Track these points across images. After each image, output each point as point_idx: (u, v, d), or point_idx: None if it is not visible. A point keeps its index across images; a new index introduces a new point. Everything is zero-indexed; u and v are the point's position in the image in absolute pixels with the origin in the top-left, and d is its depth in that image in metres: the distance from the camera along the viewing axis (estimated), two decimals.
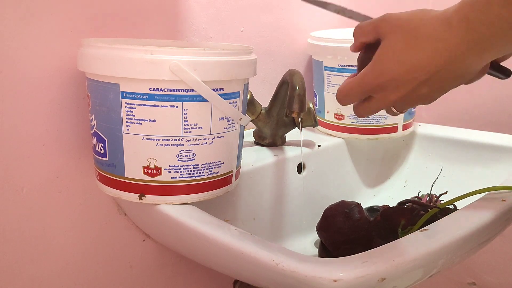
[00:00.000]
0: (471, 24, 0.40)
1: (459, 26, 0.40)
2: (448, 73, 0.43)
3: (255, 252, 0.44)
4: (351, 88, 0.49)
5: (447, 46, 0.41)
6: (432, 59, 0.42)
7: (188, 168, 0.53)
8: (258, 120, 0.75)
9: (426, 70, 0.43)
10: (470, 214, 0.51)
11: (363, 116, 0.51)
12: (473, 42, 0.40)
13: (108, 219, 0.68)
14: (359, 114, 0.51)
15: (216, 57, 0.52)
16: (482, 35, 0.39)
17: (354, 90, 0.48)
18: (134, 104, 0.51)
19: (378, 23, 0.47)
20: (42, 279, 0.63)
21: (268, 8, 0.84)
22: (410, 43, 0.43)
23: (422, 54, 0.43)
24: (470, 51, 0.41)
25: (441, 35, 0.42)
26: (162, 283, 0.76)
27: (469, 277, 1.07)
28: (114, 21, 0.64)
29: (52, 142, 0.61)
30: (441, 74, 0.43)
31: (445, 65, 0.42)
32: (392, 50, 0.44)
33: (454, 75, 0.43)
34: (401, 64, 0.44)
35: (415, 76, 0.44)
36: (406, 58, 0.43)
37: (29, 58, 0.57)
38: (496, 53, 0.41)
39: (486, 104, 1.02)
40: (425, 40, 0.42)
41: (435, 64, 0.42)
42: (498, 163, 0.78)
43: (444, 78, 0.44)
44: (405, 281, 0.44)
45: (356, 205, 0.67)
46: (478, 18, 0.39)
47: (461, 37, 0.40)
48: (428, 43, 0.42)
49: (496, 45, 0.40)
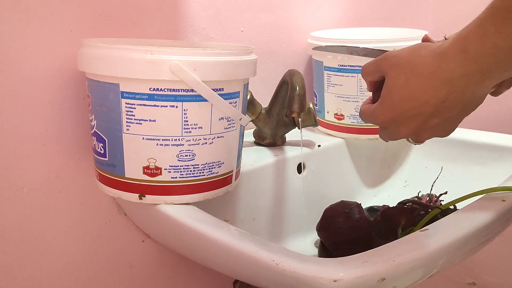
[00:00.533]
0: (469, 56, 0.40)
1: (457, 58, 0.41)
2: (454, 103, 0.44)
3: (255, 252, 0.44)
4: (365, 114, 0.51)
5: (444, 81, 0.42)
6: (434, 92, 0.43)
7: (188, 168, 0.53)
8: (258, 120, 0.75)
9: (431, 103, 0.44)
10: (470, 214, 0.51)
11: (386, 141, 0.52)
12: (473, 73, 0.41)
13: (108, 219, 0.68)
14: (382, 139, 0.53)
15: (216, 57, 0.52)
16: (480, 64, 0.40)
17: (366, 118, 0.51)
18: (134, 104, 0.51)
19: (380, 62, 0.48)
20: (42, 279, 0.63)
21: (268, 8, 0.84)
22: (410, 80, 0.44)
23: (423, 89, 0.44)
24: (471, 81, 0.42)
25: (437, 70, 0.43)
26: (162, 283, 0.76)
27: (469, 277, 1.07)
28: (114, 21, 0.64)
29: (52, 142, 0.61)
30: (447, 105, 0.44)
31: (448, 96, 0.43)
32: (394, 87, 0.46)
33: (462, 104, 0.44)
34: (406, 100, 0.45)
35: (421, 110, 0.45)
36: (409, 94, 0.45)
37: (29, 58, 0.57)
38: (497, 79, 0.42)
39: (486, 104, 1.02)
40: (423, 76, 0.44)
41: (438, 97, 0.43)
42: (498, 163, 0.78)
43: (451, 108, 0.44)
44: (405, 281, 0.44)
45: (356, 205, 0.67)
46: (475, 49, 0.40)
47: (460, 70, 0.41)
48: (427, 79, 0.43)
49: (495, 72, 0.41)
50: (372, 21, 1.05)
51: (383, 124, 0.49)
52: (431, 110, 0.44)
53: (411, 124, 0.46)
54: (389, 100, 0.47)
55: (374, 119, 0.49)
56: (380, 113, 0.48)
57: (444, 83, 0.42)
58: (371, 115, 0.50)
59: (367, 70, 0.51)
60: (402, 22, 1.11)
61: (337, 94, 0.82)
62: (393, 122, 0.47)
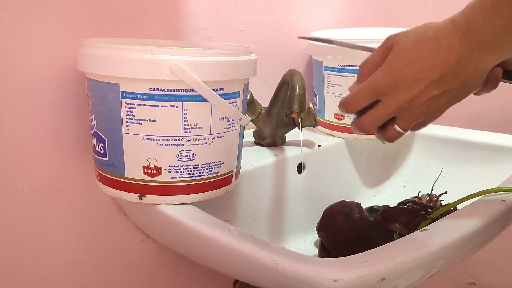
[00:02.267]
0: (472, 28, 0.42)
1: (462, 29, 0.43)
2: (457, 74, 0.44)
3: (255, 252, 0.44)
4: (359, 91, 0.49)
5: (452, 46, 0.43)
6: (442, 58, 0.44)
7: (188, 168, 0.53)
8: (258, 120, 0.75)
9: (437, 69, 0.44)
10: (470, 214, 0.51)
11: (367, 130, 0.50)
12: (475, 44, 0.43)
13: (108, 219, 0.68)
14: (362, 127, 0.51)
15: (216, 57, 0.52)
16: (482, 38, 0.42)
17: (362, 92, 0.49)
18: (134, 104, 0.51)
19: (385, 42, 0.49)
20: (42, 279, 0.63)
21: (268, 8, 0.84)
22: (420, 43, 0.45)
23: (432, 52, 0.44)
24: (473, 53, 0.43)
25: (447, 35, 0.44)
26: (162, 283, 0.76)
27: (469, 277, 1.07)
28: (114, 21, 0.64)
29: (52, 142, 0.61)
30: (451, 75, 0.44)
31: (454, 64, 0.44)
32: (403, 51, 0.46)
33: (463, 78, 0.44)
34: (413, 62, 0.45)
35: (426, 75, 0.45)
36: (417, 56, 0.45)
37: (29, 58, 0.57)
38: (497, 56, 0.43)
39: (486, 104, 1.02)
40: (434, 40, 0.44)
41: (446, 62, 0.44)
42: (498, 163, 0.78)
43: (453, 79, 0.45)
44: (405, 281, 0.44)
45: (356, 205, 0.67)
46: (477, 23, 0.42)
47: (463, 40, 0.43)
48: (436, 42, 0.44)
49: (495, 48, 0.42)
50: (372, 21, 1.05)
51: (384, 89, 0.47)
52: (435, 77, 0.45)
53: (411, 90, 0.46)
54: (394, 62, 0.46)
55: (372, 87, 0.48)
56: (381, 77, 0.47)
57: (452, 50, 0.43)
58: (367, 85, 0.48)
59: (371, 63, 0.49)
60: (402, 22, 1.11)
61: (337, 94, 0.82)
62: (393, 87, 0.46)
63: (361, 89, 0.49)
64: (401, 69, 0.46)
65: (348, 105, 0.51)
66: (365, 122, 0.50)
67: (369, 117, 0.50)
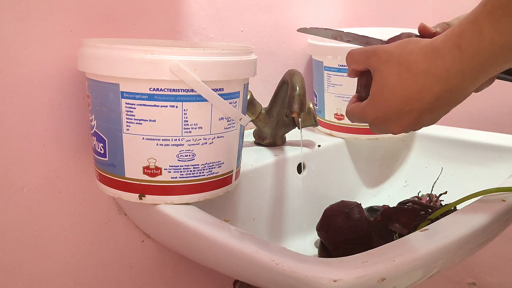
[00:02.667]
0: (465, 53, 0.40)
1: (452, 56, 0.41)
2: (448, 99, 0.43)
3: (255, 252, 0.44)
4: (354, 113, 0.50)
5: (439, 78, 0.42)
6: (429, 90, 0.43)
7: (188, 168, 0.53)
8: (258, 120, 0.75)
9: (425, 101, 0.43)
10: (470, 214, 0.51)
11: None
12: (469, 71, 0.41)
13: (108, 219, 0.68)
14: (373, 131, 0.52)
15: (216, 57, 0.52)
16: (477, 61, 0.40)
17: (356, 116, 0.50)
18: (134, 104, 0.51)
19: (369, 55, 0.47)
20: (42, 278, 0.63)
21: (268, 8, 0.84)
22: (403, 77, 0.44)
23: (417, 86, 0.43)
24: (466, 78, 0.41)
25: (432, 67, 0.42)
26: (162, 283, 0.76)
27: (469, 277, 1.07)
28: (114, 21, 0.64)
29: (52, 142, 0.61)
30: (440, 102, 0.43)
31: (441, 93, 0.43)
32: (387, 85, 0.45)
33: (454, 99, 0.44)
34: (399, 98, 0.44)
35: (415, 107, 0.44)
36: (402, 91, 0.44)
37: (29, 58, 0.57)
38: (492, 74, 0.42)
39: (486, 104, 1.02)
40: (417, 74, 0.43)
41: (433, 94, 0.43)
42: (498, 163, 0.78)
43: (444, 104, 0.44)
44: (405, 281, 0.44)
45: (356, 205, 0.67)
46: (471, 47, 0.39)
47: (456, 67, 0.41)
48: (421, 77, 0.43)
49: (491, 68, 0.40)
50: (372, 21, 1.05)
51: (374, 122, 0.48)
52: (425, 107, 0.44)
53: (404, 121, 0.46)
54: (381, 99, 0.46)
55: (364, 117, 0.49)
56: (371, 112, 0.47)
57: (439, 81, 0.42)
58: (360, 113, 0.49)
59: (354, 58, 0.49)
60: (402, 22, 1.11)
61: (337, 94, 0.82)
62: (385, 120, 0.47)
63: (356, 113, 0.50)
64: (387, 105, 0.45)
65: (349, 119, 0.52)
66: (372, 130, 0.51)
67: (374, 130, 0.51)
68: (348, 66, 0.51)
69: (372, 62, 0.47)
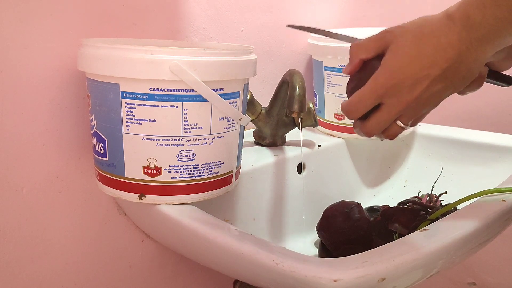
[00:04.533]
0: (472, 22, 0.42)
1: (462, 22, 0.43)
2: (459, 66, 0.44)
3: (255, 252, 0.44)
4: (361, 96, 0.48)
5: (452, 41, 0.44)
6: (443, 53, 0.44)
7: (188, 168, 0.53)
8: (258, 120, 0.75)
9: (439, 65, 0.44)
10: (470, 214, 0.51)
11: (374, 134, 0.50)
12: (476, 38, 0.43)
13: (108, 219, 0.68)
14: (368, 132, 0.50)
15: (216, 57, 0.52)
16: (482, 31, 0.42)
17: (365, 97, 0.47)
18: (134, 104, 0.51)
19: (383, 34, 0.48)
20: (42, 278, 0.63)
21: (268, 8, 0.84)
22: (419, 40, 0.45)
23: (432, 48, 0.44)
24: (474, 46, 0.43)
25: (445, 30, 0.44)
26: (162, 283, 0.76)
27: (469, 277, 1.07)
28: (114, 21, 0.64)
29: (52, 142, 0.61)
30: (452, 69, 0.45)
31: (455, 58, 0.44)
32: (402, 50, 0.46)
33: (465, 68, 0.45)
34: (414, 61, 0.45)
35: (429, 72, 0.45)
36: (417, 54, 0.45)
37: (29, 58, 0.57)
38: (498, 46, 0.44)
39: (486, 104, 1.02)
40: (432, 36, 0.44)
41: (447, 58, 0.44)
42: (498, 163, 0.78)
43: (455, 73, 0.45)
44: (405, 281, 0.44)
45: (356, 205, 0.67)
46: (477, 17, 0.42)
47: (463, 35, 0.43)
48: (435, 38, 0.44)
49: (495, 39, 0.43)
50: (371, 21, 1.05)
51: (387, 91, 0.46)
52: (437, 73, 0.45)
53: (416, 89, 0.45)
54: (395, 63, 0.46)
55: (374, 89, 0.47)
56: (383, 79, 0.46)
57: (451, 45, 0.44)
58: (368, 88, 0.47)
59: (363, 46, 0.49)
60: (402, 22, 1.11)
61: (337, 94, 0.82)
62: (399, 86, 0.45)
63: (362, 94, 0.47)
64: (402, 69, 0.45)
65: (350, 112, 0.49)
66: (371, 127, 0.49)
67: (375, 121, 0.49)
68: (354, 58, 0.49)
69: (388, 38, 0.47)
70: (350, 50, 0.50)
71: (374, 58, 0.48)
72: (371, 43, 0.48)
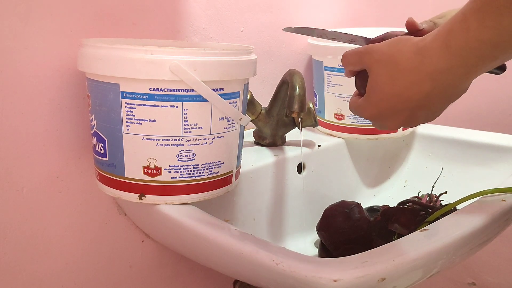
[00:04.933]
0: (452, 51, 0.40)
1: (440, 53, 0.41)
2: (438, 96, 0.44)
3: (255, 252, 0.44)
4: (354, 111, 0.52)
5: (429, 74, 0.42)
6: (417, 88, 0.43)
7: (188, 168, 0.53)
8: (258, 120, 0.75)
9: (415, 99, 0.44)
10: (470, 214, 0.51)
11: None
12: (457, 67, 0.41)
13: (108, 219, 0.68)
14: None
15: (216, 57, 0.52)
16: (465, 59, 0.40)
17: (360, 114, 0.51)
18: (134, 104, 0.51)
19: (362, 55, 0.48)
20: (42, 278, 0.63)
21: (268, 8, 0.84)
22: (393, 76, 0.45)
23: (405, 84, 0.44)
24: (455, 76, 0.41)
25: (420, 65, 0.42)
26: (162, 283, 0.76)
27: (469, 277, 1.07)
28: (114, 21, 0.64)
29: (52, 142, 0.61)
30: (431, 99, 0.44)
31: (432, 90, 0.43)
32: (378, 83, 0.46)
33: (446, 96, 0.44)
34: (390, 96, 0.45)
35: (406, 106, 0.45)
36: (392, 90, 0.45)
37: (29, 58, 0.57)
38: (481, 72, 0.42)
39: (486, 104, 1.02)
40: (406, 72, 0.44)
41: (422, 92, 0.43)
42: (498, 163, 0.78)
43: (436, 101, 0.44)
44: (405, 281, 0.44)
45: (356, 205, 0.67)
46: (459, 44, 0.40)
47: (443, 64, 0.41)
48: (410, 74, 0.43)
49: (479, 66, 0.40)
50: (371, 21, 1.05)
51: (370, 118, 0.49)
52: (415, 104, 0.45)
53: (398, 118, 0.47)
54: (374, 96, 0.47)
55: (361, 113, 0.50)
56: (366, 109, 0.49)
57: (427, 78, 0.42)
58: (358, 109, 0.50)
59: (349, 60, 0.51)
60: (402, 22, 1.11)
61: (337, 94, 0.82)
62: (380, 117, 0.48)
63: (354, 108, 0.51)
64: (381, 103, 0.46)
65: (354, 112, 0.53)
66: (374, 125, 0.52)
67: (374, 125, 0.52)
68: (345, 68, 0.52)
69: (366, 62, 0.48)
70: (341, 59, 0.52)
71: None
72: (354, 59, 0.50)
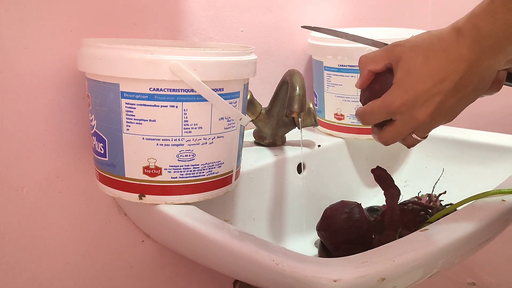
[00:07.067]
0: (482, 32, 0.42)
1: (471, 34, 0.43)
2: (470, 78, 0.44)
3: (255, 252, 0.44)
4: (374, 109, 0.49)
5: (462, 54, 0.44)
6: (453, 67, 0.44)
7: (188, 168, 0.53)
8: (258, 120, 0.75)
9: (450, 79, 0.44)
10: (470, 214, 0.51)
11: (388, 144, 0.51)
12: (487, 48, 0.43)
13: (108, 219, 0.68)
14: (383, 141, 0.51)
15: (216, 57, 0.52)
16: (493, 40, 0.42)
17: (377, 110, 0.48)
18: (134, 104, 0.51)
19: (391, 48, 0.48)
20: (42, 279, 0.63)
21: (268, 8, 0.84)
22: (429, 57, 0.45)
23: (442, 64, 0.44)
24: (486, 56, 0.43)
25: (455, 44, 0.44)
26: (162, 283, 0.76)
27: (469, 277, 1.07)
28: (114, 21, 0.64)
29: (52, 142, 0.61)
30: (464, 81, 0.44)
31: (466, 70, 0.44)
32: (413, 67, 0.46)
33: (476, 80, 0.45)
34: (424, 78, 0.45)
35: (441, 88, 0.45)
36: (428, 71, 0.45)
37: (29, 58, 0.57)
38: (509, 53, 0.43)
39: (486, 104, 1.02)
40: (442, 51, 0.44)
41: (457, 71, 0.44)
42: (498, 163, 0.78)
43: (467, 84, 0.45)
44: (405, 281, 0.44)
45: (356, 205, 0.66)
46: (487, 26, 0.42)
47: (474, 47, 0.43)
48: (446, 53, 0.44)
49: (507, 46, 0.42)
50: (372, 21, 1.05)
51: (400, 108, 0.47)
52: (450, 87, 0.45)
53: (429, 106, 0.46)
54: (407, 81, 0.46)
55: (388, 106, 0.47)
56: (396, 97, 0.46)
57: (462, 58, 0.44)
58: (382, 104, 0.48)
59: (372, 58, 0.49)
60: (402, 22, 1.11)
61: (337, 94, 0.82)
62: (411, 105, 0.46)
63: (376, 107, 0.48)
64: (414, 87, 0.45)
65: (363, 120, 0.51)
66: (386, 138, 0.50)
67: (390, 134, 0.50)
68: (364, 69, 0.50)
69: (396, 52, 0.47)
70: (359, 61, 0.51)
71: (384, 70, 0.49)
72: (380, 55, 0.49)
